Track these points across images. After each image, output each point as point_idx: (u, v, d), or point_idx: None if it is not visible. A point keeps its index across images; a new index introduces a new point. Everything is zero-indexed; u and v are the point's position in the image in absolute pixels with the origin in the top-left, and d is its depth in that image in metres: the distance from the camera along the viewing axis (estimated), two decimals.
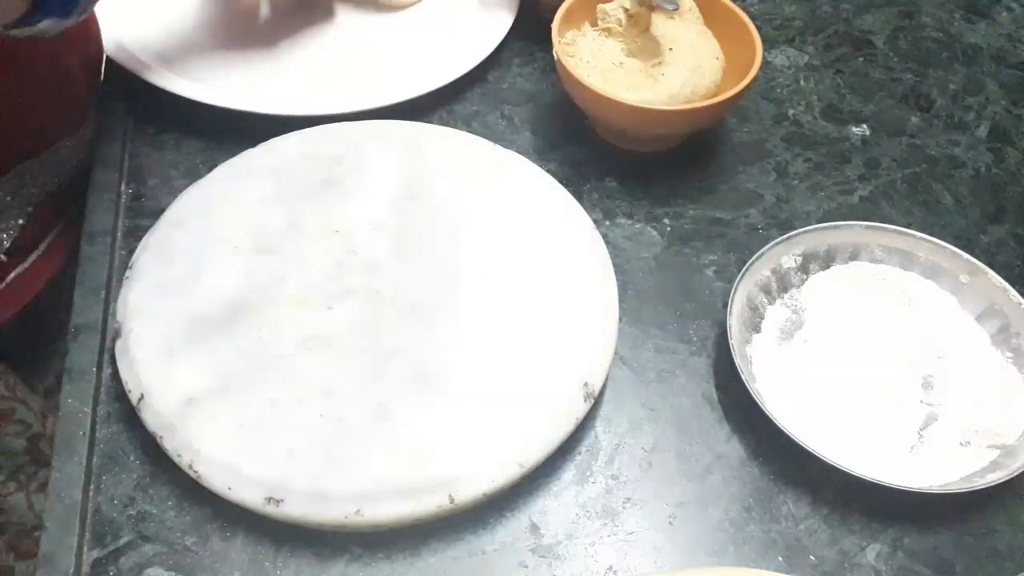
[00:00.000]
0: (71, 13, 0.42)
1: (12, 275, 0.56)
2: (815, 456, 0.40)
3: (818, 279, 0.49)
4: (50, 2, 0.41)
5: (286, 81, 0.59)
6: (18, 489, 0.61)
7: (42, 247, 0.57)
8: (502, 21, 0.64)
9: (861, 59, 0.66)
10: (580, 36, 0.56)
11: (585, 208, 0.50)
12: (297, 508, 0.38)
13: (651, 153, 0.57)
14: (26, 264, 0.56)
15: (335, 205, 0.49)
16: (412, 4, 0.66)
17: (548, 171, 0.52)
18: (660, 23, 0.55)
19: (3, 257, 0.54)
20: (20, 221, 0.55)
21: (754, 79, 0.52)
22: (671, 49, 0.54)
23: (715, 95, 0.53)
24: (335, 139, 0.52)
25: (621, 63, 0.54)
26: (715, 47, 0.55)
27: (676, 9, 0.55)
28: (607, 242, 0.49)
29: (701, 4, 0.57)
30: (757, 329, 0.47)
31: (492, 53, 0.61)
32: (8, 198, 0.54)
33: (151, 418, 0.40)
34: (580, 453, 0.43)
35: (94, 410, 0.43)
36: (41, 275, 0.58)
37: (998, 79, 0.66)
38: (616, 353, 0.45)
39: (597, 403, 0.44)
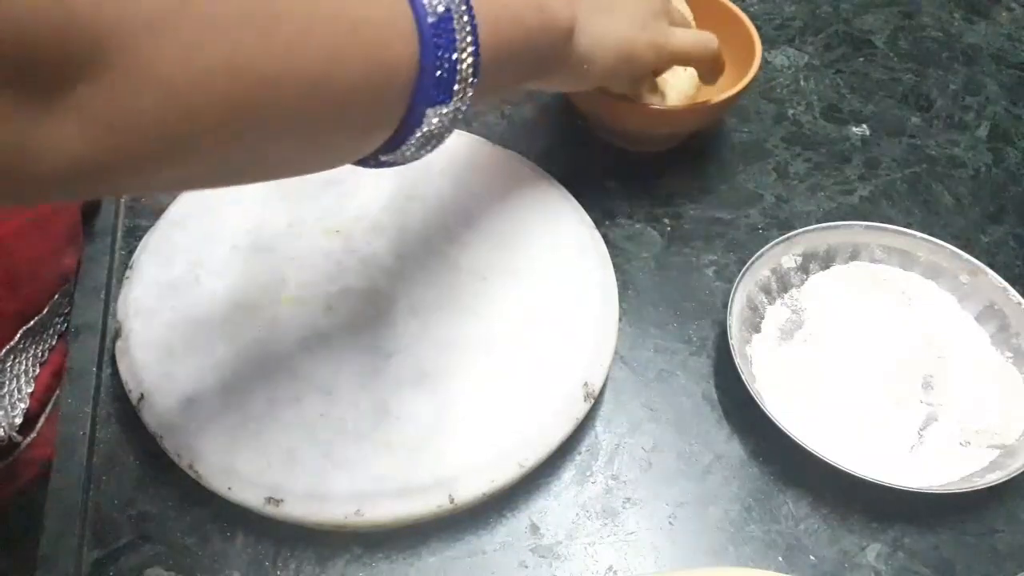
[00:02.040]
0: (448, 98, 0.31)
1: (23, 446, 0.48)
2: (815, 456, 0.40)
3: (818, 279, 0.49)
4: (423, 85, 0.30)
5: None
6: None
7: (48, 409, 0.50)
8: None
9: (861, 59, 0.66)
10: None
11: (585, 208, 0.50)
12: (297, 508, 0.38)
13: (651, 153, 0.57)
14: (33, 434, 0.49)
15: (335, 205, 0.49)
16: None
17: (548, 171, 0.52)
18: None
19: (19, 438, 0.47)
20: (29, 390, 0.48)
21: (754, 78, 0.52)
22: None
23: (694, 98, 0.53)
24: None
25: None
26: None
27: None
28: (607, 242, 0.49)
29: (699, 4, 0.56)
30: (757, 329, 0.47)
31: None
32: (18, 366, 0.47)
33: (151, 418, 0.40)
34: (580, 453, 0.43)
35: (94, 410, 0.43)
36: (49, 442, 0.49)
37: (998, 79, 0.66)
38: (616, 353, 0.45)
39: (597, 403, 0.44)
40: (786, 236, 0.49)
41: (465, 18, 0.30)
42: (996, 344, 0.47)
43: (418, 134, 0.32)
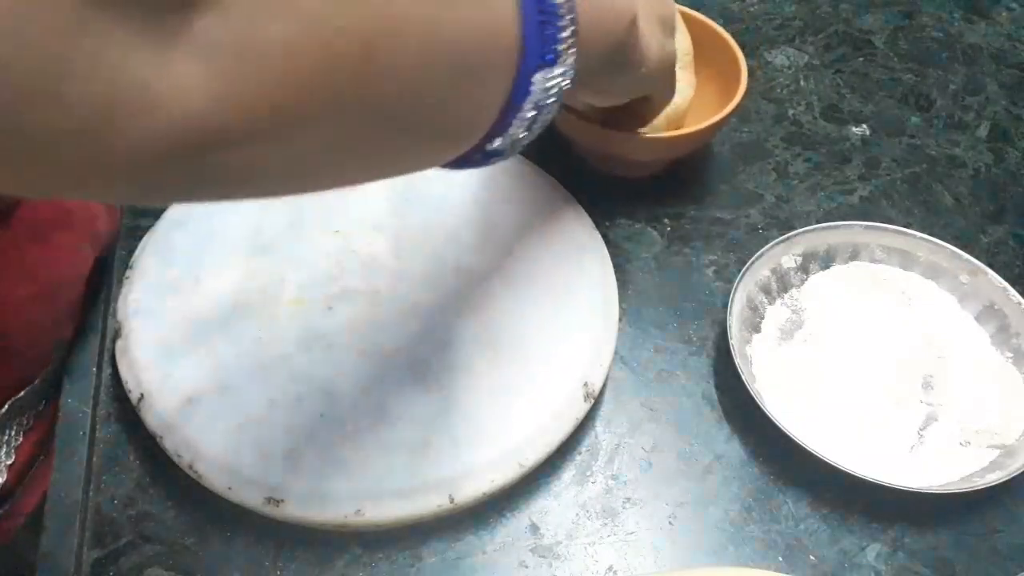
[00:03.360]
0: (554, 59, 0.29)
1: None
2: (815, 456, 0.40)
3: (818, 279, 0.49)
4: (528, 38, 0.28)
5: None
6: None
7: (25, 480, 0.48)
8: None
9: (861, 59, 0.66)
10: None
11: (585, 208, 0.50)
12: (297, 508, 0.38)
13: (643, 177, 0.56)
14: (7, 506, 0.47)
15: (335, 205, 0.49)
16: None
17: (548, 171, 0.52)
18: None
19: None
20: (8, 461, 0.46)
21: (738, 106, 0.51)
22: None
23: (680, 124, 0.52)
24: None
25: None
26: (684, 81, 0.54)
27: None
28: (607, 242, 0.49)
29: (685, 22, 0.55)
30: (757, 329, 0.47)
31: None
32: (1, 437, 0.45)
33: (151, 418, 0.40)
34: (580, 453, 0.43)
35: (94, 410, 0.43)
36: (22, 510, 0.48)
37: (998, 79, 0.66)
38: (616, 353, 0.45)
39: (597, 403, 0.44)
40: (786, 236, 0.49)
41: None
42: (996, 344, 0.47)
43: (528, 107, 0.29)
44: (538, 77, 0.29)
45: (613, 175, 0.55)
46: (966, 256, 0.49)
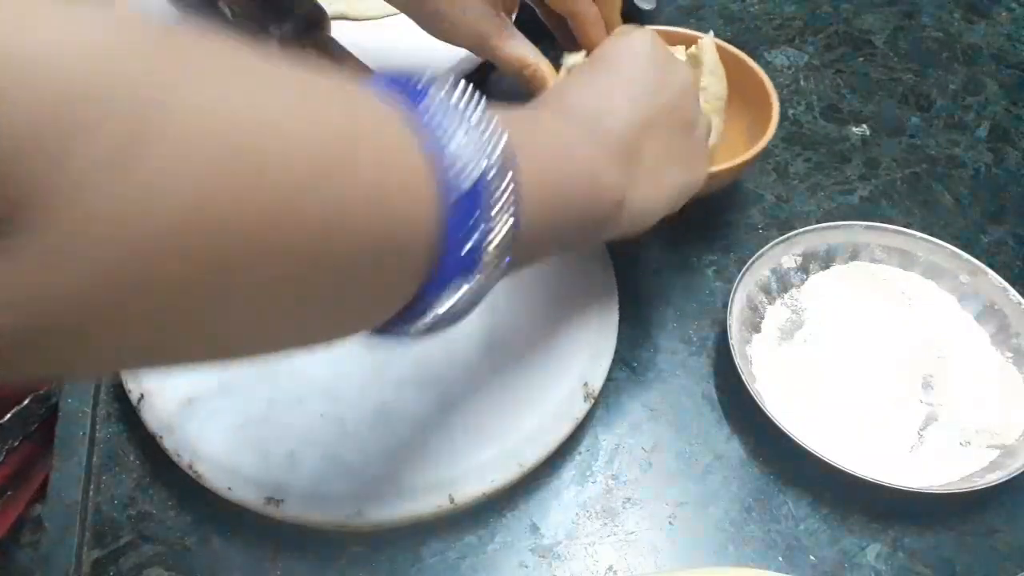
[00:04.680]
0: (473, 269, 0.26)
1: None
2: (815, 456, 0.40)
3: (818, 279, 0.49)
4: (449, 264, 0.25)
5: None
6: None
7: None
8: None
9: (861, 59, 0.66)
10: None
11: None
12: (297, 508, 0.38)
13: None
14: None
15: None
16: None
17: None
18: None
19: None
20: None
21: (767, 143, 0.49)
22: None
23: (715, 149, 0.51)
24: None
25: None
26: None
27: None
28: (607, 242, 0.49)
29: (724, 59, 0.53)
30: (757, 329, 0.47)
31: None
32: None
33: (151, 418, 0.40)
34: (580, 453, 0.43)
35: (94, 410, 0.43)
36: None
37: (998, 79, 0.66)
38: (616, 353, 0.45)
39: (597, 403, 0.44)
40: (786, 236, 0.49)
41: (501, 194, 0.25)
42: (996, 344, 0.47)
43: (430, 316, 0.27)
44: (450, 288, 0.26)
45: None
46: (966, 256, 0.49)
